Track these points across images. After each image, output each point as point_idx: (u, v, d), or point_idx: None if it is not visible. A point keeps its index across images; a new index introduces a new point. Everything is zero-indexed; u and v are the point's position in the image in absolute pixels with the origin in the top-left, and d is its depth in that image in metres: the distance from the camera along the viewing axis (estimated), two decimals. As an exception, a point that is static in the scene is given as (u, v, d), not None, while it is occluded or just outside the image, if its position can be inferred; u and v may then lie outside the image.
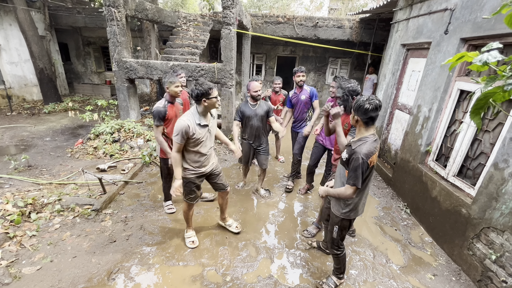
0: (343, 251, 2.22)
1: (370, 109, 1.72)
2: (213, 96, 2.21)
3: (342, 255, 2.22)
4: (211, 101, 2.22)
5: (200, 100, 2.19)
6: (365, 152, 1.73)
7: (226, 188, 2.78)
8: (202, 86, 2.15)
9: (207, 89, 2.15)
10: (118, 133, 5.21)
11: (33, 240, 2.69)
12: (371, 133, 1.82)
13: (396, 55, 4.46)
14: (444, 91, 3.13)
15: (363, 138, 1.81)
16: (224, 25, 5.04)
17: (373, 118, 1.77)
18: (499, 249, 2.25)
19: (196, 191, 2.58)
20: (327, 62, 9.91)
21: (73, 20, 8.83)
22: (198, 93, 2.15)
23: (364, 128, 1.82)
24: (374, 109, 1.73)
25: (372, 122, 1.79)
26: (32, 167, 4.30)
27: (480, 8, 2.65)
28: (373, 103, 1.72)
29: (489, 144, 2.60)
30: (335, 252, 2.21)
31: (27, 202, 3.10)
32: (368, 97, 1.76)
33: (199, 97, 2.17)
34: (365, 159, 1.72)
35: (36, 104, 8.23)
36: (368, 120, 1.77)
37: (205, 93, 2.16)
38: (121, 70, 5.54)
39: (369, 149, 1.74)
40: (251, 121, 3.28)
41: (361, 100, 1.76)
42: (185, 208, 2.69)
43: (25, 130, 6.04)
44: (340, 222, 2.07)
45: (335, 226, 2.11)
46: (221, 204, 2.93)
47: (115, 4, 5.08)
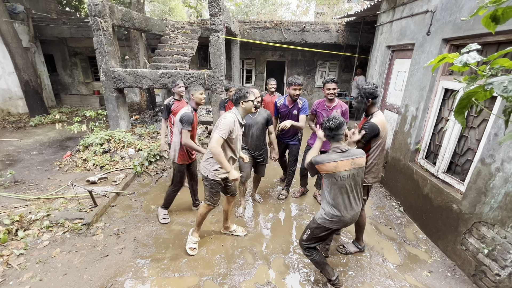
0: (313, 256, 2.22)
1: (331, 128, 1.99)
2: (249, 99, 2.44)
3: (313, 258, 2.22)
4: (247, 104, 2.45)
5: (239, 102, 2.45)
6: (317, 159, 2.02)
7: (236, 194, 2.87)
8: (241, 91, 2.46)
9: (245, 93, 2.45)
10: (108, 143, 5.11)
11: (20, 259, 2.59)
12: (334, 146, 2.05)
13: (382, 57, 4.56)
14: (430, 90, 3.21)
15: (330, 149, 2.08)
16: (212, 32, 5.06)
17: (335, 136, 2.03)
18: (491, 242, 2.30)
19: (219, 194, 2.69)
20: (315, 65, 10.06)
21: (58, 30, 8.70)
22: (237, 96, 2.44)
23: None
24: (336, 127, 1.99)
25: (334, 139, 2.04)
26: (19, 182, 4.16)
27: (459, 9, 2.75)
28: (336, 122, 1.99)
29: (475, 140, 2.67)
30: (304, 253, 2.27)
31: (13, 220, 2.99)
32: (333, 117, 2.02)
33: (238, 100, 2.45)
34: (313, 162, 2.03)
35: (21, 117, 8.02)
36: (330, 138, 2.06)
37: (243, 96, 2.43)
38: (109, 80, 5.47)
39: (322, 158, 2.00)
40: (251, 130, 3.15)
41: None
42: (203, 211, 2.70)
43: (11, 145, 5.86)
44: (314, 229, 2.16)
45: (308, 230, 2.21)
46: (226, 211, 2.92)
47: (101, 14, 5.04)
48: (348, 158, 1.99)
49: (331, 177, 2.00)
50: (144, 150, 4.91)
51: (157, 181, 4.38)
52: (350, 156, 1.99)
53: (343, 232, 3.18)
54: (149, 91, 8.88)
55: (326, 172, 1.99)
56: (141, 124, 7.16)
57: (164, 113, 3.57)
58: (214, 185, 2.56)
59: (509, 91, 0.70)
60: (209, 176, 2.51)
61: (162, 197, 3.84)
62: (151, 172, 4.61)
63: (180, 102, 3.61)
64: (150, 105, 9.18)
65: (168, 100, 3.61)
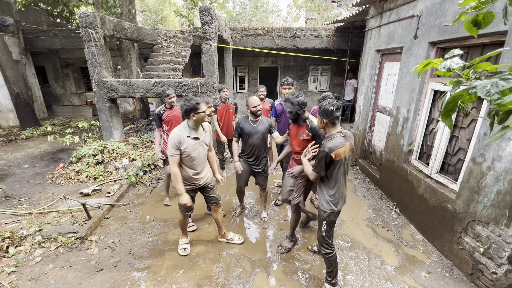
0: (334, 251, 2.26)
1: (334, 110, 1.98)
2: (201, 111, 2.33)
3: (332, 255, 2.25)
4: (199, 115, 2.34)
5: (189, 114, 2.32)
6: (330, 146, 1.96)
7: (218, 202, 2.83)
8: (190, 102, 2.29)
9: (195, 104, 2.29)
10: (101, 154, 5.05)
11: (12, 277, 2.51)
12: (338, 131, 2.05)
13: (372, 61, 4.65)
14: (419, 92, 3.28)
15: (330, 135, 2.05)
16: (205, 40, 5.10)
17: (338, 117, 2.03)
18: (486, 241, 2.32)
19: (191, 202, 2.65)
20: (308, 70, 10.18)
21: (49, 42, 8.66)
22: (187, 108, 2.29)
23: (333, 127, 2.06)
24: (337, 109, 2.00)
25: (338, 120, 2.04)
26: (10, 197, 4.06)
27: (444, 13, 2.83)
28: (335, 105, 1.99)
29: (465, 140, 2.72)
30: (325, 251, 2.24)
31: (4, 236, 2.91)
32: (329, 101, 2.03)
33: (188, 112, 2.31)
34: (328, 152, 1.94)
35: (12, 130, 7.89)
36: (335, 119, 2.02)
37: (193, 108, 2.29)
38: (102, 90, 5.44)
39: (334, 144, 1.96)
40: (251, 139, 3.00)
41: (324, 104, 2.01)
42: (180, 218, 2.75)
43: (1, 159, 5.75)
44: (328, 217, 2.17)
45: (323, 222, 2.20)
46: (216, 219, 2.91)
47: (92, 25, 5.04)
48: (348, 140, 2.05)
49: (340, 162, 2.02)
50: (139, 159, 4.86)
51: (152, 190, 4.33)
52: (349, 139, 2.06)
53: (341, 236, 3.18)
54: (143, 100, 8.85)
55: (339, 158, 1.98)
56: (135, 134, 7.11)
57: (156, 121, 3.58)
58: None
59: (491, 95, 0.72)
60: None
61: (158, 207, 3.81)
62: (146, 182, 4.56)
63: (172, 110, 3.60)
64: (144, 114, 9.13)
65: (159, 108, 3.58)
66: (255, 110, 2.94)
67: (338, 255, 2.84)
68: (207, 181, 2.68)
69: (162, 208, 3.77)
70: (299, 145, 2.60)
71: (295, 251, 2.91)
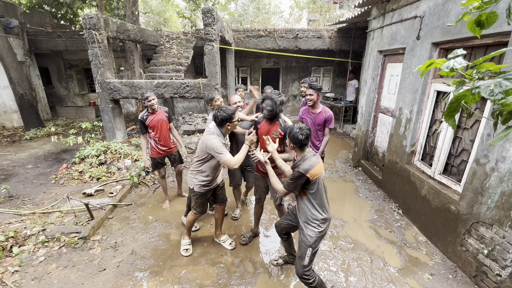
0: (315, 277, 2.11)
1: (303, 139, 1.98)
2: (235, 120, 2.38)
3: (317, 281, 2.11)
4: (233, 124, 2.40)
5: (224, 124, 2.36)
6: (305, 167, 1.94)
7: (225, 202, 2.89)
8: (226, 112, 2.30)
9: (231, 114, 2.32)
10: (104, 155, 5.08)
11: (15, 276, 2.53)
12: (308, 151, 2.06)
13: (374, 61, 4.64)
14: (422, 93, 3.26)
15: (303, 157, 2.05)
16: (207, 42, 5.12)
17: (307, 144, 2.04)
18: (490, 243, 2.30)
19: (206, 204, 2.76)
20: (310, 71, 10.18)
21: (53, 44, 8.74)
22: (222, 118, 2.31)
23: (300, 151, 2.06)
24: (306, 138, 2.00)
25: (306, 146, 2.05)
26: (14, 197, 4.10)
27: (447, 14, 2.83)
28: (304, 134, 1.98)
29: (469, 141, 2.70)
30: (308, 282, 2.08)
31: (8, 236, 2.94)
32: (300, 127, 2.02)
33: (223, 122, 2.34)
34: (303, 173, 1.93)
35: (16, 131, 7.96)
36: (303, 146, 2.03)
37: (229, 117, 2.32)
38: (105, 91, 5.48)
39: (309, 164, 1.95)
40: (236, 136, 3.13)
41: (294, 131, 2.00)
42: (191, 219, 2.80)
43: (5, 159, 5.80)
44: (314, 243, 2.03)
45: (308, 249, 2.03)
46: (216, 219, 2.94)
47: (96, 27, 5.09)
48: (319, 159, 2.05)
49: (318, 180, 1.97)
50: (141, 160, 4.88)
51: (154, 191, 4.34)
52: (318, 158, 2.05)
53: (343, 237, 3.17)
54: (145, 101, 8.87)
55: (316, 176, 1.95)
56: (137, 135, 7.14)
57: (141, 128, 3.44)
58: (199, 196, 2.63)
59: (495, 94, 0.72)
60: (195, 189, 2.60)
61: (160, 207, 3.82)
62: (148, 182, 4.57)
63: (155, 114, 3.42)
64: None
65: (142, 114, 3.43)
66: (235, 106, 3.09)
67: (340, 256, 2.84)
68: (220, 181, 2.79)
69: (164, 209, 3.78)
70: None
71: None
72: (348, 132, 7.87)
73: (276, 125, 2.53)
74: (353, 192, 4.29)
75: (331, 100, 9.00)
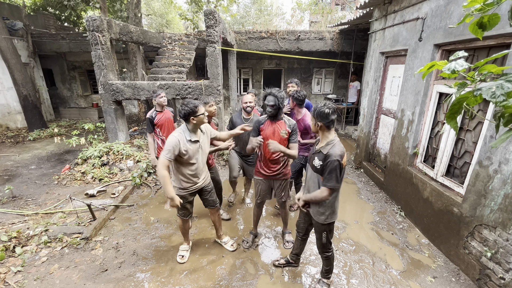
0: (332, 251, 2.29)
1: (330, 113, 1.86)
2: (200, 113, 2.28)
3: (332, 254, 2.29)
4: (198, 118, 2.29)
5: (188, 118, 2.27)
6: (339, 153, 1.83)
7: (216, 205, 2.79)
8: (188, 106, 2.24)
9: (193, 107, 2.24)
10: (106, 156, 5.11)
11: (18, 276, 2.54)
12: (335, 135, 1.94)
13: (376, 63, 4.63)
14: (424, 94, 3.25)
15: (330, 142, 1.91)
16: (209, 43, 5.14)
17: (334, 120, 1.90)
18: (493, 245, 2.28)
19: (188, 207, 2.63)
20: (311, 72, 10.18)
21: (57, 46, 8.82)
22: (185, 112, 2.24)
23: (328, 131, 1.93)
24: (333, 112, 1.87)
25: (333, 124, 1.92)
26: (17, 197, 4.13)
27: (449, 16, 2.82)
28: (330, 107, 1.87)
29: (472, 143, 2.69)
30: (326, 254, 2.26)
31: (11, 236, 2.95)
32: (324, 103, 1.91)
33: (187, 116, 2.26)
34: (340, 160, 1.82)
35: (20, 132, 8.02)
36: (330, 123, 1.89)
37: (192, 111, 2.24)
38: (108, 93, 5.52)
39: (341, 150, 1.86)
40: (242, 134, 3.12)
41: (319, 106, 1.89)
42: (180, 223, 2.75)
43: (9, 160, 5.84)
44: (327, 227, 2.13)
45: (323, 233, 2.16)
46: (213, 221, 2.92)
47: (99, 29, 5.13)
48: None
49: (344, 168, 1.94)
50: (143, 161, 4.90)
51: (156, 192, 4.35)
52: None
53: (345, 239, 3.16)
54: (148, 103, 8.93)
55: (345, 164, 1.88)
56: (139, 136, 7.17)
57: (148, 126, 3.47)
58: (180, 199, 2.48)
59: (497, 96, 0.72)
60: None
61: (162, 208, 3.83)
62: (150, 183, 4.59)
63: (162, 113, 3.54)
64: (148, 116, 9.20)
65: (150, 113, 3.49)
66: (245, 106, 3.17)
67: (342, 259, 2.83)
68: (205, 184, 2.64)
69: (166, 210, 3.79)
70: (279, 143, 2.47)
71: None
72: (350, 133, 7.85)
73: (281, 123, 2.51)
74: (355, 193, 4.27)
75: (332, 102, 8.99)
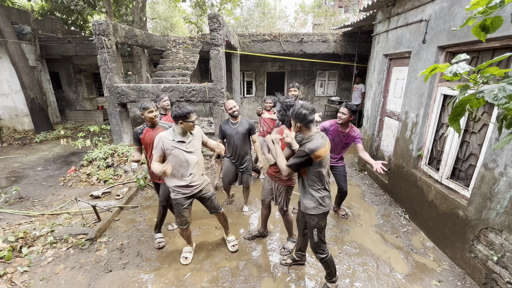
0: (328, 253, 2.26)
1: (307, 114, 1.93)
2: (190, 120, 2.28)
3: (328, 257, 2.26)
4: (187, 124, 2.30)
5: (177, 121, 2.29)
6: (310, 147, 1.92)
7: (219, 210, 2.79)
8: (181, 109, 2.24)
9: (186, 113, 2.25)
10: (111, 158, 5.16)
11: (24, 276, 2.58)
12: (315, 131, 2.02)
13: (380, 65, 4.63)
14: (429, 96, 3.24)
15: (309, 137, 2.01)
16: (213, 46, 5.19)
17: (312, 120, 1.98)
18: (500, 249, 2.25)
19: (185, 214, 2.56)
20: (315, 75, 10.19)
21: (64, 49, 8.97)
22: (176, 114, 2.25)
23: (307, 130, 2.02)
24: (311, 112, 1.95)
25: (312, 123, 2.00)
26: (24, 198, 4.19)
27: (453, 18, 2.81)
28: (308, 108, 1.94)
29: (477, 145, 2.66)
30: (320, 256, 2.25)
31: (18, 236, 3.00)
32: (301, 104, 1.98)
33: (177, 118, 2.27)
34: (308, 152, 1.92)
35: (27, 134, 8.15)
36: (308, 123, 1.97)
37: (183, 116, 2.25)
38: (113, 95, 5.59)
39: (315, 145, 1.93)
40: (232, 139, 3.28)
41: (297, 108, 1.96)
42: (179, 231, 2.75)
43: (16, 161, 5.94)
44: (317, 223, 2.15)
45: (314, 230, 2.18)
46: (220, 223, 2.96)
47: (105, 33, 5.21)
48: (326, 141, 2.04)
49: (321, 163, 2.00)
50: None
51: (160, 194, 4.38)
52: (326, 139, 2.04)
53: (349, 242, 3.14)
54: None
55: (319, 158, 1.96)
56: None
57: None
58: (175, 205, 2.53)
59: (499, 99, 0.72)
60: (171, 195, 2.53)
61: (166, 210, 3.85)
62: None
63: (167, 116, 3.63)
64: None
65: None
66: (231, 111, 3.20)
67: (345, 261, 2.81)
68: (202, 190, 2.60)
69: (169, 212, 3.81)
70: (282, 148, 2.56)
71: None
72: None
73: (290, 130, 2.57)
74: (358, 196, 4.25)
75: (336, 104, 8.98)
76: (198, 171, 2.53)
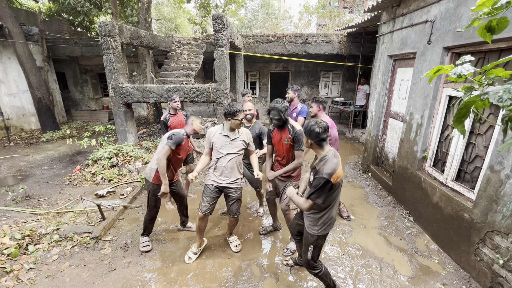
0: (321, 269, 2.17)
1: (320, 132, 1.84)
2: (237, 118, 2.54)
3: (322, 272, 2.17)
4: (235, 121, 2.55)
5: (227, 117, 2.56)
6: (328, 171, 1.78)
7: (235, 216, 2.82)
8: (231, 108, 2.51)
9: (234, 111, 2.51)
10: (116, 157, 5.21)
11: (30, 273, 2.62)
12: (328, 150, 1.91)
13: (384, 66, 4.60)
14: (434, 98, 3.21)
15: (323, 157, 1.89)
16: (217, 47, 5.22)
17: (325, 139, 1.88)
18: (506, 252, 2.22)
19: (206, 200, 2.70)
20: (319, 75, 10.17)
21: (70, 50, 9.10)
22: (226, 112, 2.53)
23: (319, 148, 1.91)
24: (324, 131, 1.85)
25: (325, 141, 1.90)
26: (30, 197, 4.26)
27: (458, 18, 2.79)
28: (322, 126, 1.85)
29: (483, 147, 2.63)
30: (314, 271, 2.16)
31: (24, 234, 3.05)
32: (316, 120, 1.90)
33: (226, 115, 2.54)
34: (328, 178, 1.77)
35: (34, 133, 8.28)
36: (321, 141, 1.88)
37: (232, 113, 2.52)
38: (118, 96, 5.65)
39: (331, 167, 1.79)
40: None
41: (311, 125, 1.87)
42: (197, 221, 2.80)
43: (23, 160, 6.04)
44: (315, 242, 2.05)
45: (310, 246, 2.08)
46: (229, 225, 3.00)
47: (111, 34, 5.27)
48: (339, 158, 1.91)
49: (339, 184, 1.87)
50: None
51: (164, 193, 4.41)
52: (338, 157, 1.92)
53: (352, 244, 3.12)
54: (156, 105, 9.09)
55: (338, 179, 1.82)
56: (148, 138, 7.29)
57: (163, 129, 3.61)
58: (204, 188, 2.76)
59: (504, 101, 0.72)
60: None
61: (169, 209, 3.87)
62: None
63: (176, 116, 3.69)
64: (157, 119, 9.37)
65: (164, 115, 3.67)
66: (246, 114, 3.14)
67: (348, 263, 2.80)
68: (229, 186, 2.68)
69: (172, 211, 3.84)
70: (284, 150, 2.65)
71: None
72: (357, 137, 7.78)
73: (286, 131, 2.59)
74: (362, 198, 4.23)
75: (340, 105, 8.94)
76: (231, 169, 2.66)
